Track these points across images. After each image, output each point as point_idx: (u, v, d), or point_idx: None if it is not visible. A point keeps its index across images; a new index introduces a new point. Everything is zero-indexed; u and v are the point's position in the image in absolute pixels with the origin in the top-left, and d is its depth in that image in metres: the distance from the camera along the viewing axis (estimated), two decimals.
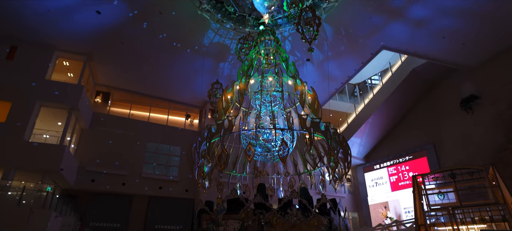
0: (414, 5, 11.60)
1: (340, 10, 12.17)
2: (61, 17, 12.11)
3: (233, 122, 7.75)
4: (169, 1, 11.68)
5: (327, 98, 18.28)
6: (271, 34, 9.19)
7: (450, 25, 12.35)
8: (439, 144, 16.54)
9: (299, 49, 14.69)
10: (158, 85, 16.93)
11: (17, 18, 12.09)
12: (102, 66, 15.48)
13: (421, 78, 16.69)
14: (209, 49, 14.38)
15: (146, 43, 13.65)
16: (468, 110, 14.77)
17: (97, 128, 15.50)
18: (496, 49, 13.67)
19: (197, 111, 19.26)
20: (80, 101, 13.55)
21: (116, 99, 17.58)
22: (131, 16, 12.16)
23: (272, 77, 8.70)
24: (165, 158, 16.80)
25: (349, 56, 15.21)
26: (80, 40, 13.48)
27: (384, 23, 12.85)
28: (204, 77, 15.29)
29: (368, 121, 18.19)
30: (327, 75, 16.07)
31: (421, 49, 14.30)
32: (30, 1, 11.31)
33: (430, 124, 17.18)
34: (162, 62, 15.03)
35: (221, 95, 8.55)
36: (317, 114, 7.88)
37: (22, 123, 12.22)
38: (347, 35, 13.74)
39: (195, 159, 7.76)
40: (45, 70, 13.46)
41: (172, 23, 12.75)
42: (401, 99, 17.61)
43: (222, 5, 11.86)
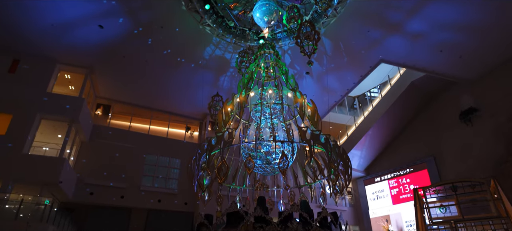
0: (411, 20, 11.82)
1: (338, 24, 12.38)
2: (64, 31, 12.29)
3: (233, 134, 7.77)
4: (171, 15, 11.88)
5: (327, 111, 18.34)
6: (271, 48, 9.33)
7: (447, 39, 12.54)
8: (439, 156, 16.49)
9: (298, 63, 14.85)
10: (159, 97, 17.02)
11: (20, 31, 12.25)
12: (103, 79, 15.60)
13: (420, 91, 16.80)
14: (210, 63, 14.53)
15: (147, 56, 13.81)
16: (467, 122, 14.80)
17: (97, 140, 15.48)
18: (494, 62, 13.81)
19: (197, 123, 19.28)
20: (81, 114, 13.59)
21: (117, 112, 17.63)
22: (133, 30, 12.34)
23: (272, 90, 8.78)
24: (165, 170, 16.70)
25: (348, 70, 15.36)
26: (82, 53, 13.64)
27: (382, 37, 13.04)
28: (205, 90, 15.39)
29: (368, 133, 18.19)
30: (326, 88, 16.19)
31: (420, 63, 14.46)
32: (34, 16, 11.50)
33: (430, 136, 17.17)
34: (162, 75, 15.16)
35: (221, 108, 8.60)
36: (317, 126, 7.91)
37: (22, 135, 12.21)
38: (345, 48, 13.92)
39: (195, 172, 7.74)
40: (47, 83, 13.55)
41: (173, 37, 12.94)
42: (400, 112, 17.67)
43: (222, 20, 12.07)
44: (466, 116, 14.77)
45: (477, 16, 11.31)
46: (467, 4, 10.81)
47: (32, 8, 11.18)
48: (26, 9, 11.19)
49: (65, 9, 11.22)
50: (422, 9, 11.26)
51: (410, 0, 11.00)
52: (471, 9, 11.02)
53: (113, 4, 11.10)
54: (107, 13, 11.49)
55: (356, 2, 11.31)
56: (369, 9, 11.68)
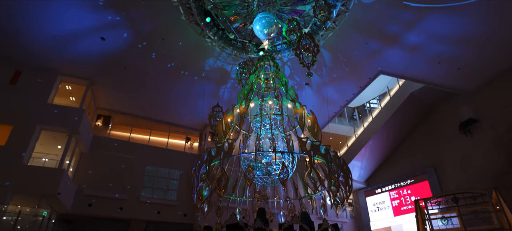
0: (409, 32, 11.98)
1: (337, 36, 12.54)
2: (65, 43, 12.40)
3: (233, 145, 7.77)
4: (172, 28, 12.05)
5: (327, 122, 18.36)
6: (271, 60, 9.43)
7: (445, 51, 12.67)
8: (440, 167, 16.43)
9: (298, 74, 14.97)
10: (159, 108, 17.08)
11: (22, 43, 12.37)
12: (104, 90, 15.69)
13: (419, 102, 16.87)
14: (210, 74, 14.65)
15: (148, 67, 13.93)
16: (467, 133, 14.80)
17: (97, 151, 15.45)
18: (492, 72, 13.90)
19: (197, 134, 19.28)
20: (81, 125, 13.61)
21: (117, 123, 17.65)
22: (135, 42, 12.49)
23: (272, 101, 8.83)
24: (164, 181, 16.61)
25: (347, 81, 15.47)
26: (84, 65, 13.74)
27: (380, 49, 13.19)
28: (205, 100, 15.46)
29: (368, 144, 18.17)
30: (326, 99, 16.27)
31: (418, 74, 14.57)
32: (36, 28, 11.63)
33: (430, 147, 17.15)
34: (163, 86, 15.25)
35: (221, 119, 8.64)
36: (317, 137, 7.92)
37: (22, 146, 12.19)
38: (344, 60, 14.06)
39: (194, 183, 7.71)
40: (48, 94, 13.60)
41: (174, 49, 13.08)
42: (400, 123, 17.69)
43: (223, 32, 12.24)
44: (465, 126, 14.78)
45: (475, 28, 11.44)
46: (465, 16, 10.96)
47: (34, 21, 11.32)
48: (29, 21, 11.35)
49: (67, 21, 11.36)
50: (420, 21, 11.42)
51: (408, 13, 11.17)
52: (468, 21, 11.16)
53: (114, 16, 11.27)
54: (109, 25, 11.66)
55: (355, 15, 11.49)
56: (368, 22, 11.86)
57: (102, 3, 10.79)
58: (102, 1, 10.73)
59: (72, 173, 14.51)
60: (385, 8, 11.09)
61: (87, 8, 10.84)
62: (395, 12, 11.19)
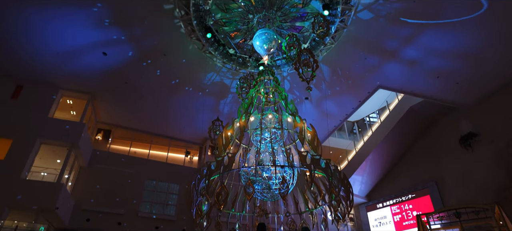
0: (407, 48, 12.14)
1: (336, 51, 12.73)
2: (67, 59, 12.52)
3: (233, 159, 7.76)
4: (173, 43, 12.25)
5: (327, 136, 18.36)
6: (271, 74, 9.55)
7: (443, 65, 12.79)
8: (441, 181, 16.31)
9: (297, 88, 15.09)
10: (159, 122, 17.11)
11: (25, 59, 12.50)
12: (105, 104, 15.77)
13: (418, 116, 16.92)
14: (210, 88, 14.77)
15: (149, 82, 14.05)
16: (467, 148, 14.77)
17: (96, 165, 15.38)
18: (492, 87, 13.92)
19: (197, 148, 19.24)
20: (81, 139, 13.61)
21: (117, 137, 17.65)
22: (136, 58, 12.66)
23: (271, 114, 8.88)
24: (163, 196, 16.45)
25: (347, 95, 15.58)
26: (85, 80, 13.87)
27: (379, 64, 13.34)
28: (205, 114, 15.52)
29: (368, 158, 18.10)
30: (325, 113, 16.33)
31: (417, 89, 14.67)
32: (39, 44, 11.77)
33: (430, 161, 17.07)
34: (163, 100, 15.35)
35: (221, 132, 8.66)
36: (317, 151, 7.92)
37: (21, 160, 12.16)
38: (344, 74, 14.21)
39: (194, 197, 7.66)
40: (49, 108, 13.67)
41: (175, 64, 13.25)
42: (400, 137, 17.68)
43: (223, 48, 12.43)
44: (465, 141, 14.77)
45: (473, 44, 11.54)
46: (462, 32, 11.09)
47: (37, 36, 11.45)
48: (31, 37, 11.47)
49: (69, 37, 11.50)
50: (417, 37, 11.59)
51: (405, 29, 11.37)
52: (465, 37, 11.28)
53: (117, 33, 11.47)
54: (111, 41, 11.84)
55: (353, 30, 11.70)
56: (366, 37, 12.06)
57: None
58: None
59: (70, 187, 14.40)
60: (383, 24, 11.31)
61: (89, 25, 11.02)
62: (392, 28, 11.40)
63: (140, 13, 10.94)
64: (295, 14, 11.30)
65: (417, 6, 10.35)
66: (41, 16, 10.63)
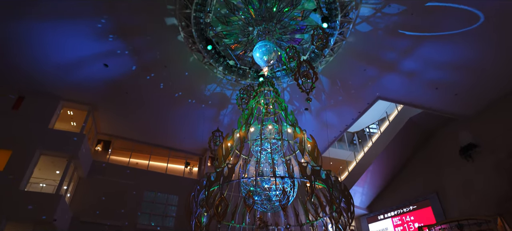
0: (405, 59, 12.26)
1: (335, 63, 12.85)
2: (69, 70, 12.63)
3: (233, 170, 7.73)
4: (174, 55, 12.38)
5: (327, 146, 18.33)
6: (270, 85, 9.62)
7: (442, 77, 12.87)
8: (442, 193, 16.19)
9: (297, 99, 15.16)
10: (159, 133, 17.12)
11: (26, 70, 12.60)
12: (105, 115, 15.80)
13: (418, 127, 16.92)
14: (210, 99, 14.84)
15: (149, 93, 14.13)
16: (468, 159, 14.73)
17: (95, 176, 15.31)
18: (491, 97, 13.92)
19: (197, 159, 19.18)
20: (81, 150, 13.59)
21: (117, 148, 17.62)
22: (137, 69, 12.77)
23: (271, 125, 8.90)
24: (162, 207, 16.29)
25: (346, 106, 15.63)
26: (86, 91, 13.95)
27: (378, 75, 13.45)
28: (205, 125, 15.54)
29: (369, 169, 18.02)
30: (325, 124, 16.35)
31: (416, 100, 14.73)
32: (41, 55, 11.87)
33: (431, 172, 16.99)
34: (164, 111, 15.39)
35: (221, 143, 8.65)
36: (317, 162, 7.90)
37: (20, 171, 12.10)
38: (343, 86, 14.31)
39: (193, 209, 7.59)
40: (49, 119, 13.69)
41: (175, 75, 13.36)
42: (400, 148, 17.64)
43: (224, 59, 12.55)
44: (466, 152, 14.74)
45: (471, 55, 11.62)
46: (460, 44, 11.17)
47: (39, 48, 11.55)
48: (34, 49, 11.56)
49: (71, 49, 11.62)
50: (416, 49, 11.70)
51: (404, 41, 11.50)
52: (463, 49, 11.36)
53: (118, 44, 11.61)
54: (112, 53, 11.96)
55: (352, 42, 11.85)
56: (365, 49, 12.20)
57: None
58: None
59: (69, 198, 14.29)
60: (381, 36, 11.45)
61: (91, 37, 11.16)
62: (391, 40, 11.55)
63: (141, 26, 11.10)
64: (294, 26, 11.47)
65: (414, 18, 10.51)
66: (43, 28, 10.76)
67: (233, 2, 10.66)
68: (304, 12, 11.02)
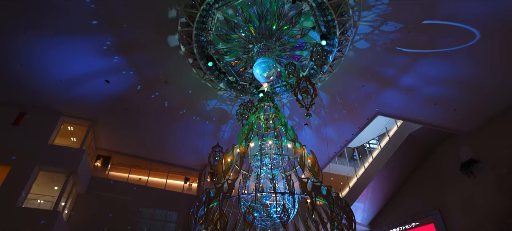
0: (404, 76, 12.41)
1: (334, 79, 13.00)
2: (70, 86, 12.74)
3: (232, 185, 7.69)
4: (175, 71, 12.55)
5: (327, 162, 18.24)
6: (270, 101, 9.71)
7: (440, 93, 12.96)
8: (444, 209, 15.98)
9: (297, 114, 15.23)
10: (159, 148, 17.08)
11: (28, 86, 12.70)
12: (105, 130, 15.82)
13: (419, 142, 16.90)
14: (210, 114, 14.92)
15: (150, 108, 14.21)
16: (469, 174, 14.63)
17: (94, 192, 15.16)
18: (491, 113, 13.89)
19: (196, 174, 19.05)
20: (80, 165, 13.53)
21: (116, 163, 17.54)
22: (138, 85, 12.90)
23: (271, 140, 8.92)
24: (161, 224, 16.04)
25: (346, 121, 15.68)
26: (87, 106, 14.02)
27: (377, 91, 13.57)
28: (205, 140, 15.53)
29: (370, 185, 17.86)
30: (325, 139, 16.34)
31: (415, 116, 14.78)
32: (42, 72, 11.99)
33: (433, 189, 16.83)
34: (164, 127, 15.43)
35: (221, 158, 8.64)
36: (318, 177, 7.86)
37: (18, 187, 12.00)
38: (342, 102, 14.41)
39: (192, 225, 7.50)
40: (49, 135, 13.68)
41: (176, 91, 13.48)
42: (401, 164, 17.56)
43: (224, 75, 12.71)
44: (467, 167, 14.66)
45: (468, 72, 11.71)
46: (458, 60, 11.29)
47: (41, 64, 11.66)
48: (36, 65, 11.66)
49: (73, 65, 11.74)
50: (414, 65, 11.85)
51: (402, 58, 11.68)
52: (461, 65, 11.46)
53: (120, 60, 11.77)
54: (114, 69, 12.11)
55: (350, 59, 12.03)
56: (363, 66, 12.37)
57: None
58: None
59: (67, 215, 14.10)
60: (380, 53, 11.65)
61: (93, 53, 11.31)
62: (389, 56, 11.74)
63: (143, 42, 11.30)
64: (293, 44, 11.69)
65: (412, 36, 10.73)
66: (45, 44, 10.89)
67: (233, 21, 10.91)
68: (303, 30, 11.27)
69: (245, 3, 10.39)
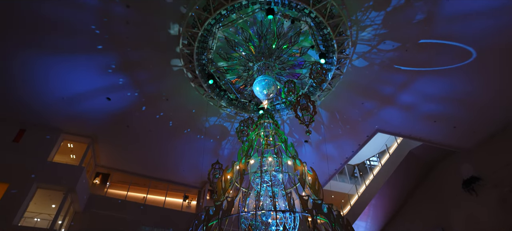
0: (402, 93, 12.52)
1: (334, 96, 13.11)
2: (71, 103, 12.83)
3: (232, 203, 7.60)
4: (176, 89, 12.67)
5: (328, 179, 18.09)
6: (270, 118, 9.76)
7: (439, 110, 13.02)
8: (447, 227, 15.67)
9: (297, 131, 15.25)
10: (159, 166, 16.98)
11: (29, 104, 12.81)
12: (105, 147, 15.78)
13: (419, 160, 16.81)
14: (210, 131, 14.92)
15: (150, 126, 14.23)
16: (471, 192, 14.47)
17: (92, 210, 14.94)
18: (490, 130, 13.82)
19: (196, 192, 18.83)
20: (79, 183, 13.40)
21: (115, 181, 17.38)
22: (139, 102, 12.99)
23: (271, 157, 8.89)
24: None
25: (346, 138, 15.67)
26: (87, 123, 14.06)
27: (376, 108, 13.64)
28: (204, 158, 15.46)
29: (371, 203, 17.63)
30: (325, 156, 16.27)
31: (415, 133, 14.76)
32: (43, 90, 12.12)
33: (434, 207, 16.58)
34: (164, 144, 15.40)
35: (221, 176, 8.58)
36: (319, 195, 7.78)
37: (15, 205, 11.84)
38: (342, 118, 14.46)
39: None
40: (49, 152, 13.64)
41: (176, 108, 13.56)
42: (402, 181, 17.40)
43: (224, 93, 12.81)
44: (468, 185, 14.50)
45: (467, 89, 11.79)
46: (455, 78, 11.40)
47: (42, 82, 11.80)
48: (36, 82, 11.82)
49: (75, 83, 11.89)
50: (412, 83, 11.97)
51: (400, 76, 11.81)
52: (460, 82, 11.54)
53: (121, 78, 11.91)
54: (115, 86, 12.23)
55: (349, 77, 12.18)
56: (362, 83, 12.51)
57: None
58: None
59: None
60: (378, 71, 11.81)
61: (94, 70, 11.47)
62: (387, 74, 11.89)
63: (144, 61, 11.47)
64: (293, 62, 11.88)
65: (409, 54, 10.91)
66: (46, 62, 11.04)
67: (234, 40, 11.13)
68: (302, 48, 11.48)
69: (245, 23, 10.65)
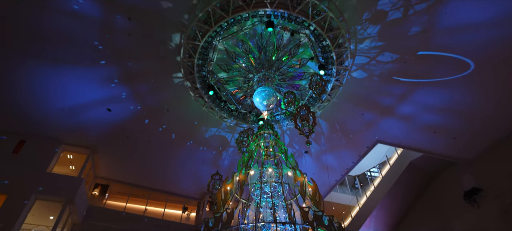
0: (402, 104, 12.57)
1: (333, 107, 13.16)
2: (72, 115, 12.83)
3: (232, 215, 7.56)
4: (176, 100, 12.74)
5: (328, 190, 17.96)
6: (270, 129, 9.79)
7: (439, 121, 13.04)
8: None
9: (297, 142, 15.24)
10: (158, 177, 16.89)
11: (29, 115, 12.78)
12: (104, 158, 15.72)
13: (420, 170, 16.73)
14: (210, 142, 14.91)
15: (150, 137, 14.23)
16: (473, 203, 14.35)
17: (90, 222, 14.78)
18: (491, 141, 13.76)
19: (195, 203, 18.66)
20: (77, 194, 13.29)
21: (114, 192, 17.25)
22: (139, 114, 13.03)
23: (271, 168, 8.88)
24: None
25: (346, 149, 15.64)
26: (87, 134, 14.03)
27: (376, 119, 13.67)
28: (204, 169, 15.40)
29: (373, 215, 17.46)
30: (326, 167, 16.21)
31: (415, 144, 14.74)
32: (44, 101, 12.15)
33: (436, 218, 16.41)
34: (163, 155, 15.36)
35: (220, 187, 8.55)
36: (319, 206, 7.74)
37: (13, 218, 11.71)
38: (342, 129, 14.47)
39: None
40: (48, 163, 13.55)
41: (177, 119, 13.59)
42: (403, 192, 17.27)
43: (224, 104, 12.86)
44: (470, 196, 14.39)
45: (465, 101, 11.84)
46: (455, 90, 11.47)
47: (42, 93, 11.84)
48: (37, 93, 11.85)
49: (76, 94, 11.92)
50: (411, 94, 12.03)
51: (399, 87, 11.89)
52: (459, 93, 11.60)
53: (122, 90, 11.98)
54: (116, 98, 12.28)
55: (349, 88, 12.26)
56: (361, 95, 12.57)
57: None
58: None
59: None
60: (377, 82, 11.90)
61: (95, 82, 11.53)
62: (386, 86, 11.97)
63: (145, 72, 11.57)
64: (292, 73, 11.98)
65: (408, 66, 11.01)
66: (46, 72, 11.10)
67: (234, 51, 11.27)
68: (302, 60, 11.60)
69: (245, 35, 10.80)
